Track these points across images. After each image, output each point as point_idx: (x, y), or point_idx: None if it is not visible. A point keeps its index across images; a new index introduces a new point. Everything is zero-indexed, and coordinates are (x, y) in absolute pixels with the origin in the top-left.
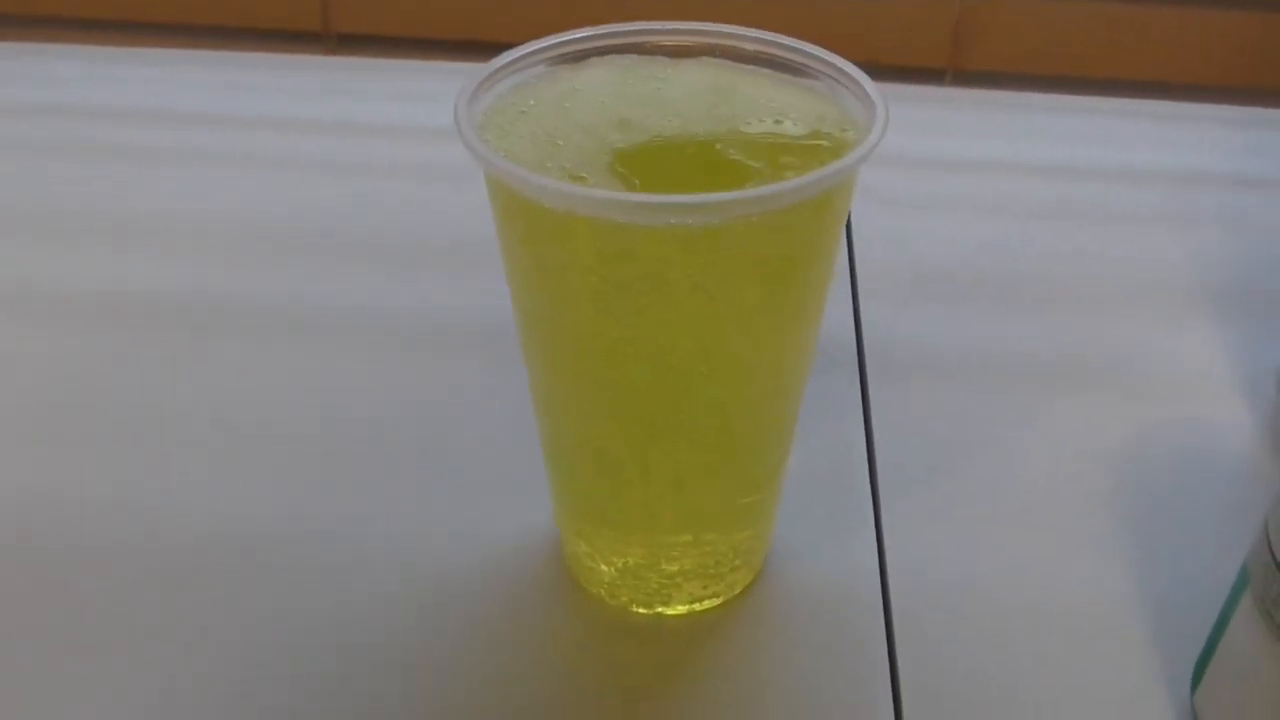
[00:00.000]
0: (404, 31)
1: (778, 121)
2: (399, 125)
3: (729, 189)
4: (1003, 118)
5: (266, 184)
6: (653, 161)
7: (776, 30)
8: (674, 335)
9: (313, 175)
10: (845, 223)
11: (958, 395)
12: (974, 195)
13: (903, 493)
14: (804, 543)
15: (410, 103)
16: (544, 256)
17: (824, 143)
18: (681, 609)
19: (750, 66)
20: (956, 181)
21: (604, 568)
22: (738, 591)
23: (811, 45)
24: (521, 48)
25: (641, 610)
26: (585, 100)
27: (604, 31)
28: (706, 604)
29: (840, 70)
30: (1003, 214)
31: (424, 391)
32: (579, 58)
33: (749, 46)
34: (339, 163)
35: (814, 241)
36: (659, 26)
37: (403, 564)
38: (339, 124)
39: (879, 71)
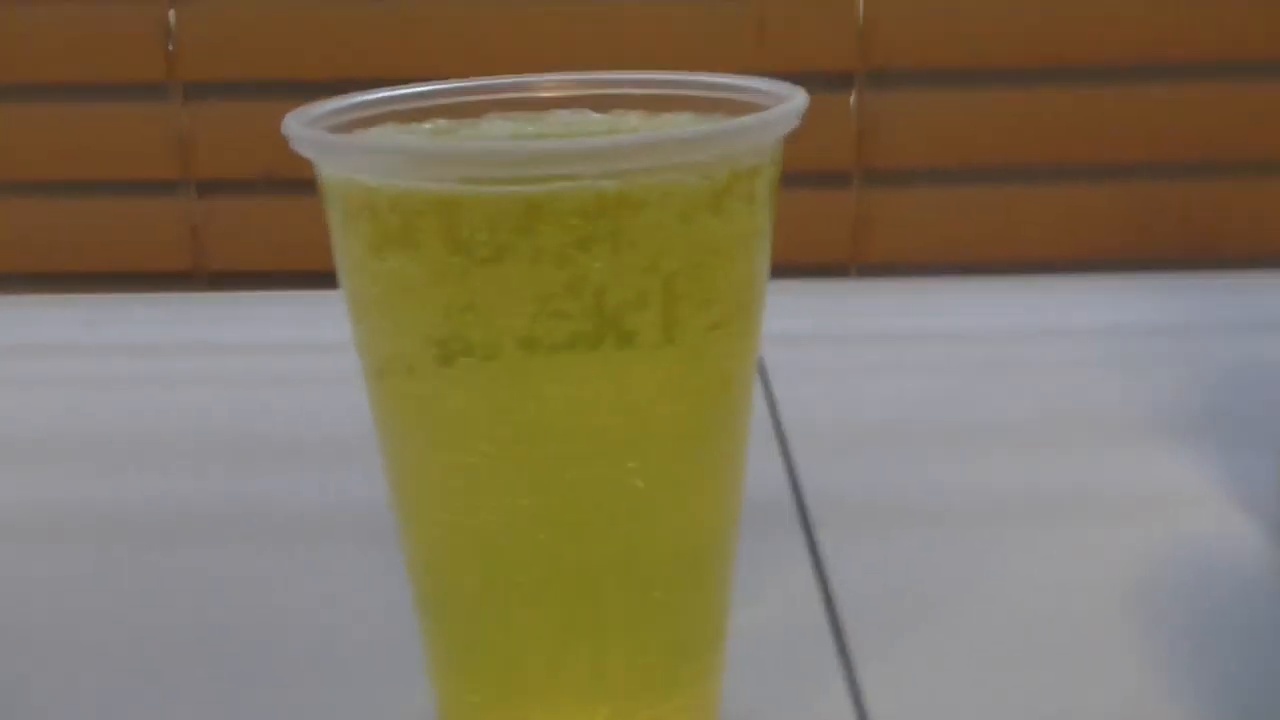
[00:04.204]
0: (279, 265)
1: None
2: (262, 344)
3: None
4: (914, 298)
5: (123, 401)
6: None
7: None
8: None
9: (171, 390)
10: (771, 224)
11: (917, 540)
12: (897, 362)
13: (878, 645)
14: (762, 708)
15: (276, 325)
16: (398, 271)
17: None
18: None
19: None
20: (873, 353)
21: None
22: None
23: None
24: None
25: None
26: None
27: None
28: None
29: (745, 88)
30: (934, 374)
31: (283, 590)
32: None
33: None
34: (199, 378)
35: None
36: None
37: None
38: (200, 346)
39: (781, 270)
